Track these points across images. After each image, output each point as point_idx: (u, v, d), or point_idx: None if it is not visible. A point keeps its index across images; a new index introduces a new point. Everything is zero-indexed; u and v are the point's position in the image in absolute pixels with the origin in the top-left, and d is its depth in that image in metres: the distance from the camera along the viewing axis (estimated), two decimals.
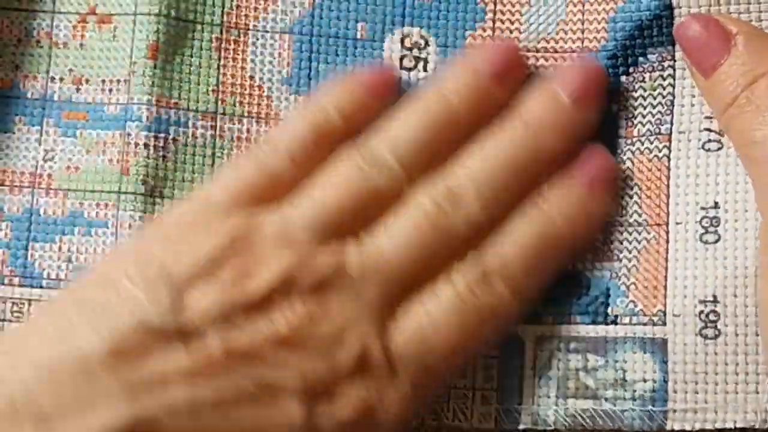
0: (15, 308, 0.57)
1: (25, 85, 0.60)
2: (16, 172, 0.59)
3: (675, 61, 0.57)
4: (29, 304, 0.57)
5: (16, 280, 0.57)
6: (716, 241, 0.55)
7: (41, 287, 0.57)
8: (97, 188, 0.58)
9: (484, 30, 0.59)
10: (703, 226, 0.55)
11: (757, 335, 0.53)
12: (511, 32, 0.59)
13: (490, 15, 0.59)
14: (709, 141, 0.56)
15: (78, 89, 0.59)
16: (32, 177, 0.59)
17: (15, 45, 0.60)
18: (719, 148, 0.56)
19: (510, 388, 0.56)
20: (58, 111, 0.59)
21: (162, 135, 0.57)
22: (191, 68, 0.58)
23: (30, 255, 0.58)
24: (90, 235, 0.57)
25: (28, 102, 0.60)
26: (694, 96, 0.56)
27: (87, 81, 0.59)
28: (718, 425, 0.53)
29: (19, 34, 0.60)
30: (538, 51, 0.59)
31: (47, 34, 0.60)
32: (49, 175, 0.59)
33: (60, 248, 0.58)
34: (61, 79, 0.60)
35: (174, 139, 0.57)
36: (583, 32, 0.58)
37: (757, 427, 0.53)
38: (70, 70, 0.60)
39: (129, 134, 0.57)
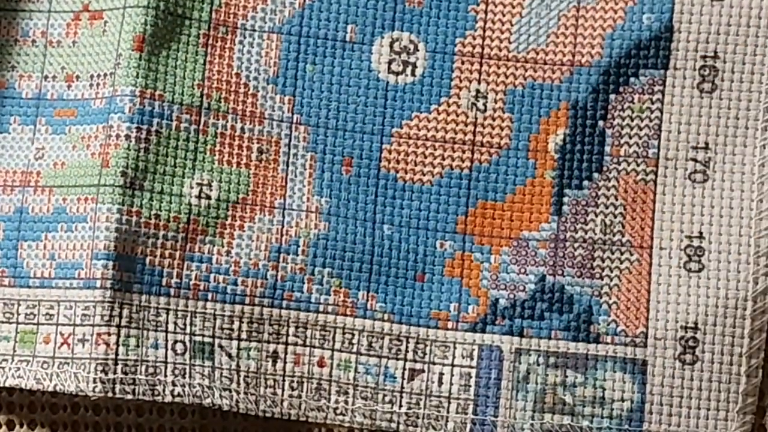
0: (6, 309, 0.56)
1: (20, 85, 0.59)
2: (9, 172, 0.58)
3: (665, 86, 0.57)
4: (18, 305, 0.56)
5: (6, 281, 0.56)
6: (700, 270, 0.56)
7: (29, 287, 0.56)
8: (80, 182, 0.56)
9: (474, 38, 0.59)
10: (687, 254, 0.56)
11: (732, 365, 0.55)
12: (500, 41, 0.59)
13: (480, 23, 0.59)
14: (696, 172, 0.57)
15: (69, 86, 0.58)
16: (23, 176, 0.58)
17: (12, 45, 0.59)
18: (705, 180, 0.57)
19: (486, 400, 0.57)
20: (50, 109, 0.58)
21: (144, 126, 0.56)
22: (177, 62, 0.57)
23: (19, 255, 0.57)
24: (72, 231, 0.56)
25: (23, 102, 0.58)
26: (681, 124, 0.57)
27: (78, 78, 0.58)
28: None
29: (15, 34, 0.59)
30: (527, 61, 0.59)
31: (42, 33, 0.59)
32: (38, 173, 0.58)
33: (45, 246, 0.56)
34: (54, 78, 0.58)
35: (157, 132, 0.56)
36: (575, 46, 0.58)
37: None
38: (63, 68, 0.58)
39: (111, 126, 0.56)
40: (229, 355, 0.56)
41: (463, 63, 0.59)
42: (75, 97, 0.58)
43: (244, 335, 0.56)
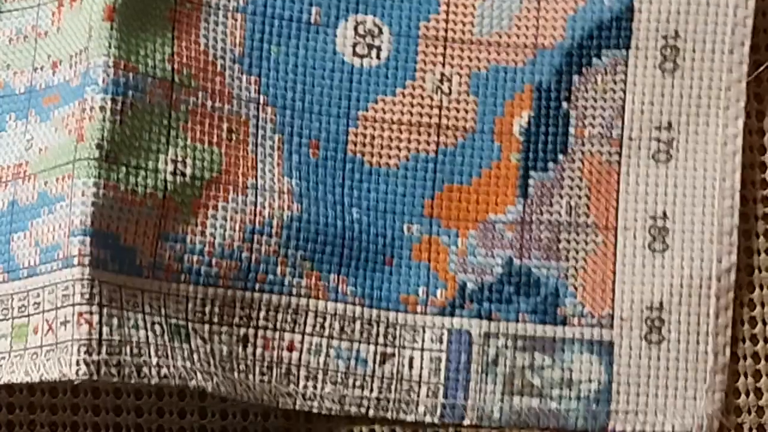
0: (2, 306, 0.54)
1: (14, 83, 0.57)
2: (3, 168, 0.56)
3: (627, 66, 0.58)
4: (12, 299, 0.54)
5: (0, 277, 0.54)
6: (664, 250, 0.57)
7: (19, 279, 0.54)
8: (58, 162, 0.54)
9: (438, 21, 0.59)
10: (651, 235, 0.57)
11: (699, 343, 0.56)
12: (464, 24, 0.59)
13: (444, 6, 0.59)
14: (659, 151, 0.57)
15: (54, 73, 0.57)
16: (15, 168, 0.56)
17: (6, 45, 0.58)
18: (668, 160, 0.57)
19: (456, 383, 0.56)
20: (39, 99, 0.57)
21: (119, 98, 0.54)
22: (147, 35, 0.56)
23: (11, 248, 0.55)
24: (52, 213, 0.54)
25: (16, 98, 0.57)
26: (644, 104, 0.58)
27: (61, 62, 0.57)
28: (657, 428, 0.56)
29: (10, 33, 0.58)
30: (491, 44, 0.59)
31: (33, 27, 0.58)
32: (27, 162, 0.56)
33: (31, 234, 0.54)
34: (42, 68, 0.57)
35: (131, 104, 0.55)
36: (537, 28, 0.58)
37: None
38: (49, 56, 0.57)
39: (85, 99, 0.54)
40: (203, 339, 0.55)
41: (427, 46, 0.58)
42: (59, 81, 0.56)
43: (215, 319, 0.55)
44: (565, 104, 0.58)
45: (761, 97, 0.58)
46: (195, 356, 0.54)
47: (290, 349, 0.56)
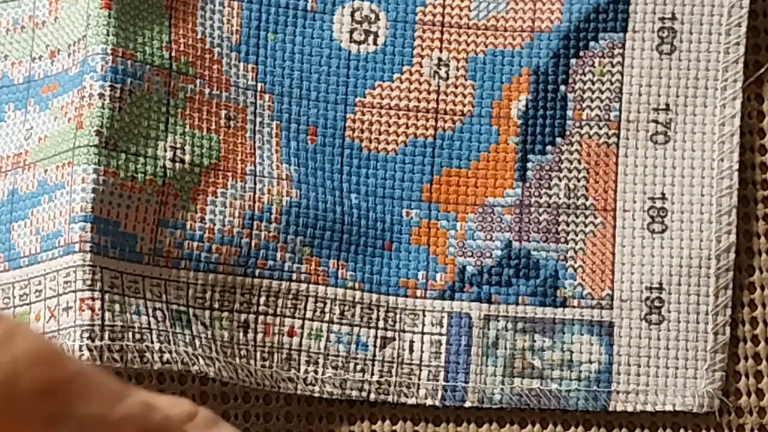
0: (4, 295, 0.54)
1: (12, 73, 0.58)
2: (3, 158, 0.56)
3: (624, 49, 0.58)
4: (13, 288, 0.54)
5: (1, 266, 0.55)
6: (663, 231, 0.57)
7: (20, 267, 0.54)
8: (58, 150, 0.55)
9: (434, 6, 0.59)
10: (650, 216, 0.57)
11: (698, 323, 0.56)
12: (461, 9, 0.59)
13: None
14: (657, 133, 0.58)
15: (53, 62, 0.57)
16: (15, 158, 0.56)
17: (3, 35, 0.58)
18: (666, 141, 0.58)
19: (457, 366, 0.57)
20: (38, 89, 0.57)
21: (118, 85, 0.54)
22: (144, 23, 0.56)
23: (11, 237, 0.55)
24: (52, 201, 0.54)
25: (14, 88, 0.57)
26: (641, 86, 0.58)
27: (59, 51, 0.57)
28: (658, 408, 0.56)
29: (7, 24, 0.58)
30: (488, 29, 0.59)
31: (30, 17, 0.58)
32: (26, 152, 0.56)
33: (31, 222, 0.55)
34: (41, 57, 0.57)
35: (130, 91, 0.55)
36: (534, 12, 0.59)
37: (694, 411, 0.56)
38: (47, 46, 0.57)
39: (84, 87, 0.54)
40: (204, 325, 0.55)
41: (424, 32, 0.59)
42: (57, 70, 0.57)
43: (216, 305, 0.55)
44: (562, 87, 0.58)
45: (761, 97, 0.59)
46: (197, 342, 0.54)
47: (291, 334, 0.56)
